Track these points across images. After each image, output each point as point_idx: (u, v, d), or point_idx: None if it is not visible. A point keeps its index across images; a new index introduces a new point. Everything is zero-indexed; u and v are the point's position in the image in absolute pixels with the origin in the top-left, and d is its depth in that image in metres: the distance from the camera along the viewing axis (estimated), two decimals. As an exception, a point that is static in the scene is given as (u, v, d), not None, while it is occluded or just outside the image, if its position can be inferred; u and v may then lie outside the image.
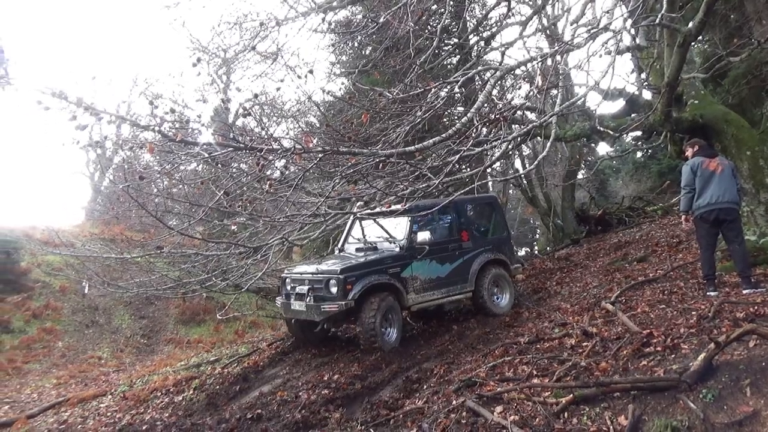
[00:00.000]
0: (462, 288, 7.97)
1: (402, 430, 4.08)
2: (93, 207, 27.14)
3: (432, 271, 7.70)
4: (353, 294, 6.78)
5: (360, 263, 7.20)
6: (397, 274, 7.30)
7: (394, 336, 7.05)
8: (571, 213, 16.43)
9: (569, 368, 4.52)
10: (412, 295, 7.39)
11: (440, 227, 8.28)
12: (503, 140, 3.93)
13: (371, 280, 6.97)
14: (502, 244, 8.73)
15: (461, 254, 8.08)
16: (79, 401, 7.78)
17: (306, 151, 3.05)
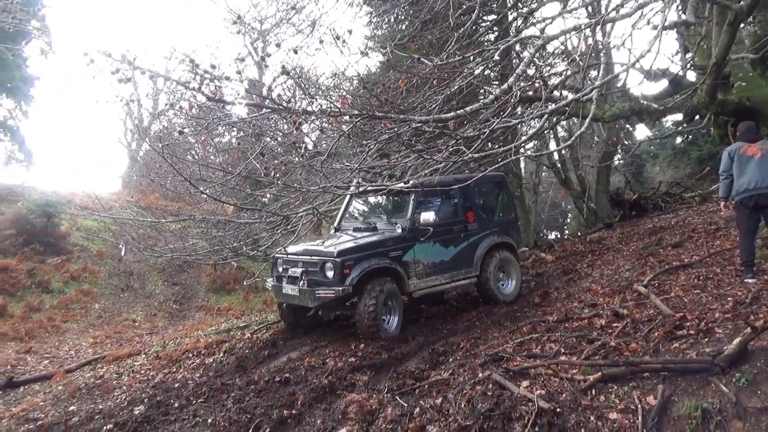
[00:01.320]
0: (467, 273, 7.54)
1: (427, 399, 4.11)
2: (130, 175, 27.77)
3: (436, 255, 7.27)
4: (351, 279, 6.34)
5: (359, 245, 6.71)
6: (399, 257, 6.86)
7: (395, 324, 6.66)
8: (605, 196, 16.12)
9: (598, 347, 4.49)
10: (414, 281, 6.97)
11: (445, 207, 7.76)
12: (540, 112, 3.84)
13: (371, 264, 6.51)
14: (510, 227, 8.30)
15: (467, 236, 7.63)
16: (114, 359, 8.08)
17: (342, 113, 3.04)
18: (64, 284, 14.29)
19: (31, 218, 15.65)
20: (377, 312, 6.36)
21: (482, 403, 3.77)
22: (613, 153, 18.00)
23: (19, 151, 24.01)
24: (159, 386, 5.97)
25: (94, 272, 15.44)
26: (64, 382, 7.09)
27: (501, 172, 8.49)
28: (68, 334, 11.59)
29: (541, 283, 8.63)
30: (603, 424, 3.36)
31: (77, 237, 17.25)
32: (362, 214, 8.14)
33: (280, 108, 3.27)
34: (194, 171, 9.19)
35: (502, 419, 3.58)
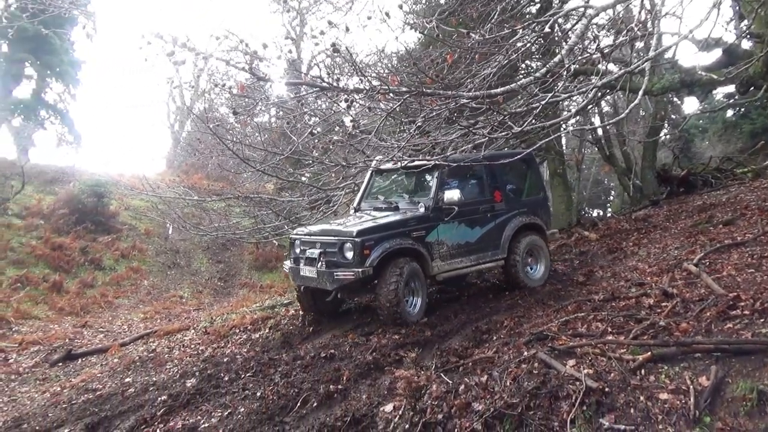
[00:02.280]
0: (493, 255, 7.15)
1: (472, 376, 4.13)
2: (173, 156, 28.44)
3: (461, 236, 6.90)
4: (371, 260, 6.05)
5: (379, 225, 6.40)
6: (422, 238, 6.53)
7: (418, 306, 6.38)
8: (651, 173, 15.63)
9: (647, 327, 4.41)
10: (437, 263, 6.63)
11: (471, 186, 7.38)
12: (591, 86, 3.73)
13: (392, 245, 6.22)
14: (538, 207, 7.83)
15: (493, 217, 7.23)
16: (165, 333, 8.39)
17: (391, 91, 3.03)
18: (115, 262, 14.86)
19: (83, 198, 16.26)
20: (398, 294, 6.05)
21: (528, 382, 3.77)
22: (660, 128, 17.39)
23: (69, 133, 24.82)
24: (209, 360, 6.18)
25: (142, 250, 15.98)
26: (119, 355, 7.42)
27: (542, 148, 8.15)
28: (120, 309, 12.08)
29: (585, 261, 8.49)
30: (653, 404, 3.31)
31: (126, 216, 17.86)
32: (383, 193, 7.79)
33: (332, 87, 3.29)
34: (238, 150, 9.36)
35: (549, 398, 3.58)
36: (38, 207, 16.16)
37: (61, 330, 9.47)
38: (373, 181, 7.86)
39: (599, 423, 3.27)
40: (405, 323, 6.05)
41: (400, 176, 7.64)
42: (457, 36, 4.76)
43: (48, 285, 12.57)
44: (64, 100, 24.71)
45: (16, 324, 9.72)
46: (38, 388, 6.47)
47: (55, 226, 15.43)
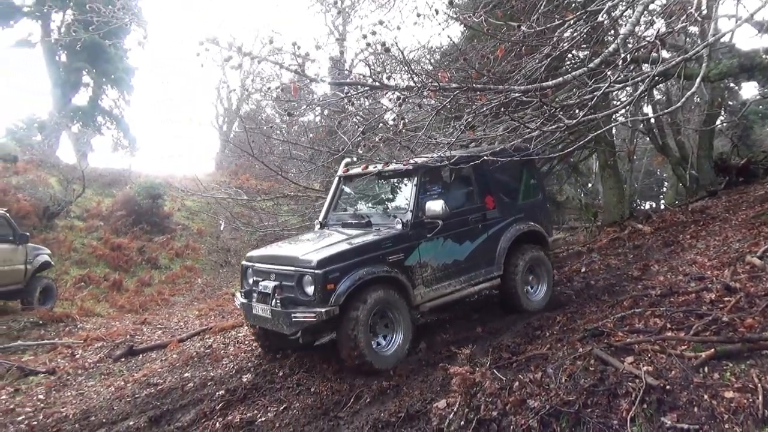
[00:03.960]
0: (487, 273, 6.03)
1: (526, 373, 4.09)
2: (222, 157, 29.17)
3: (447, 254, 5.78)
4: (337, 296, 4.89)
5: (346, 250, 5.19)
6: (400, 262, 5.38)
7: (397, 345, 5.22)
8: (708, 162, 15.01)
9: (709, 323, 4.25)
10: (421, 290, 5.49)
11: (457, 191, 6.23)
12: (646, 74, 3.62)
13: (363, 275, 5.03)
14: (537, 211, 6.72)
15: (485, 227, 6.12)
16: (219, 330, 8.63)
17: (442, 87, 3.03)
18: (170, 261, 15.41)
19: (139, 200, 16.92)
20: (358, 337, 4.88)
21: (585, 379, 3.70)
22: (717, 115, 16.66)
23: (124, 138, 25.87)
24: (263, 356, 6.33)
25: (195, 249, 16.50)
26: (177, 351, 7.68)
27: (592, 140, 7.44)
28: (176, 306, 12.52)
29: (639, 255, 8.24)
30: (718, 403, 3.20)
31: (179, 216, 18.47)
32: (354, 204, 6.68)
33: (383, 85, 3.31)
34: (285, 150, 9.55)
35: (607, 395, 3.50)
36: (98, 209, 16.91)
37: (122, 327, 9.87)
38: (341, 190, 6.74)
39: (661, 422, 3.18)
40: (372, 371, 4.92)
41: (371, 184, 6.59)
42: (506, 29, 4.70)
43: (108, 284, 13.16)
44: (119, 106, 25.76)
45: (81, 321, 10.20)
46: (103, 382, 6.77)
47: (113, 227, 16.13)
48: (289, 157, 10.25)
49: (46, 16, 23.19)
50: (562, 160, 13.68)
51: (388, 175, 6.16)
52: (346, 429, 3.97)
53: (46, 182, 16.52)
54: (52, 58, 23.46)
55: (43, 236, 13.93)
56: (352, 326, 4.90)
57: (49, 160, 18.94)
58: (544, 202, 7.07)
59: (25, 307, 10.54)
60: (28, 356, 7.94)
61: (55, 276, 12.36)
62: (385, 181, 6.35)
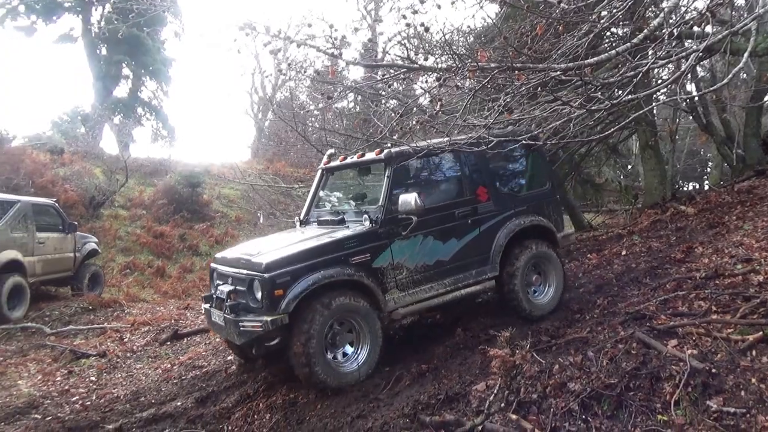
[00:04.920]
0: (479, 275, 5.42)
1: (565, 356, 4.06)
2: (257, 145, 29.57)
3: (428, 253, 5.20)
4: (286, 304, 4.45)
5: (303, 251, 4.73)
6: (367, 264, 4.86)
7: (362, 360, 4.72)
8: (755, 141, 14.43)
9: (756, 306, 4.14)
10: (394, 294, 4.97)
11: (441, 183, 5.72)
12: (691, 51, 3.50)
13: (318, 279, 4.56)
14: (544, 203, 6.02)
15: (477, 222, 5.48)
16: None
17: (481, 67, 3.00)
18: (210, 248, 15.76)
19: (179, 189, 17.34)
20: (309, 350, 4.43)
21: (626, 362, 3.66)
22: (765, 91, 15.97)
23: (163, 128, 26.48)
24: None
25: (234, 236, 16.83)
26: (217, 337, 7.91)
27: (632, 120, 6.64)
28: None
29: (682, 237, 8.03)
30: (767, 386, 3.13)
31: (217, 204, 18.86)
32: (334, 199, 6.19)
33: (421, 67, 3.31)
34: (320, 137, 9.63)
35: (650, 378, 3.46)
36: (140, 198, 17.41)
37: (166, 312, 10.20)
38: (324, 183, 6.23)
39: (706, 405, 3.13)
40: (326, 387, 4.53)
41: (352, 177, 6.15)
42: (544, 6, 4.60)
43: (152, 270, 13.59)
44: (157, 97, 26.36)
45: (128, 306, 10.58)
46: (151, 365, 7.03)
47: (155, 215, 16.60)
48: (324, 143, 10.31)
49: (86, 11, 23.84)
50: (601, 142, 13.37)
51: (364, 166, 5.65)
52: (386, 410, 4.03)
53: (91, 173, 17.08)
54: (93, 52, 24.12)
55: (90, 225, 14.44)
56: (303, 339, 4.42)
57: (93, 151, 19.55)
58: (553, 192, 6.26)
59: (75, 293, 11.00)
60: (79, 340, 8.31)
61: (102, 263, 12.83)
62: (364, 173, 5.83)
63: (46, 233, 10.23)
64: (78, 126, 23.44)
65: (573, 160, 12.45)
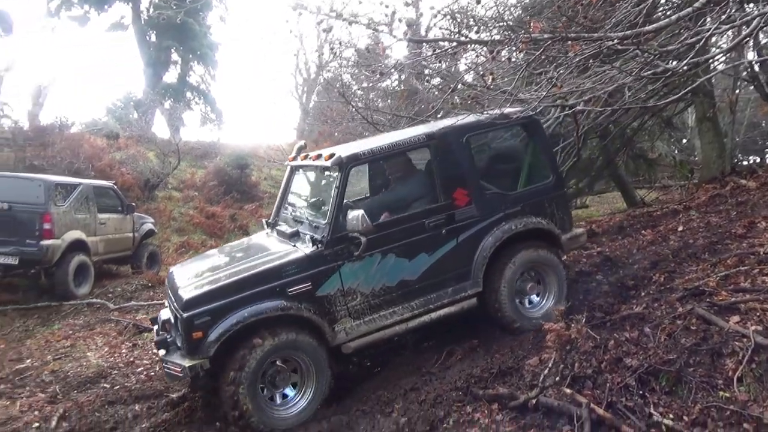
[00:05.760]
0: (456, 293, 4.69)
1: (620, 332, 4.01)
2: (302, 126, 29.86)
3: (389, 274, 4.48)
4: (206, 346, 3.94)
5: (228, 284, 4.16)
6: (308, 293, 4.22)
7: (303, 405, 4.20)
8: (824, 110, 13.63)
9: (826, 281, 3.97)
10: (346, 324, 4.35)
11: (406, 189, 4.96)
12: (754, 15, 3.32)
13: (242, 318, 3.99)
14: (545, 201, 5.06)
15: (453, 232, 4.66)
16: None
17: (534, 38, 2.95)
18: (260, 227, 16.15)
19: (228, 170, 17.80)
20: (239, 395, 3.94)
21: (686, 338, 3.59)
22: (836, 57, 14.97)
23: (212, 112, 27.07)
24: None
25: (282, 216, 17.19)
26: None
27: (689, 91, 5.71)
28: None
29: (743, 212, 7.69)
30: (836, 363, 3.01)
31: (265, 185, 19.26)
32: (299, 203, 5.35)
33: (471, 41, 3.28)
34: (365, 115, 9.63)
35: (711, 355, 3.38)
36: (192, 180, 17.95)
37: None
38: (291, 182, 5.54)
39: (771, 381, 3.05)
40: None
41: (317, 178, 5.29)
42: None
43: (205, 249, 14.01)
44: (205, 81, 26.94)
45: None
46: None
47: (207, 196, 17.10)
48: (369, 122, 10.33)
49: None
50: (655, 115, 12.87)
51: (314, 169, 5.02)
52: (439, 383, 4.09)
53: (145, 156, 17.68)
54: (143, 39, 24.78)
55: (146, 206, 15.01)
56: (232, 383, 3.94)
57: (146, 135, 20.20)
58: (559, 185, 5.23)
59: (134, 271, 11.51)
60: (141, 315, 8.71)
61: (158, 243, 13.34)
62: (319, 177, 5.08)
63: (107, 214, 10.70)
64: (131, 111, 24.24)
65: (625, 134, 12.04)
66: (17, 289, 9.96)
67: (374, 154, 4.63)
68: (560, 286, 5.02)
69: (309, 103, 30.62)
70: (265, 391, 4.17)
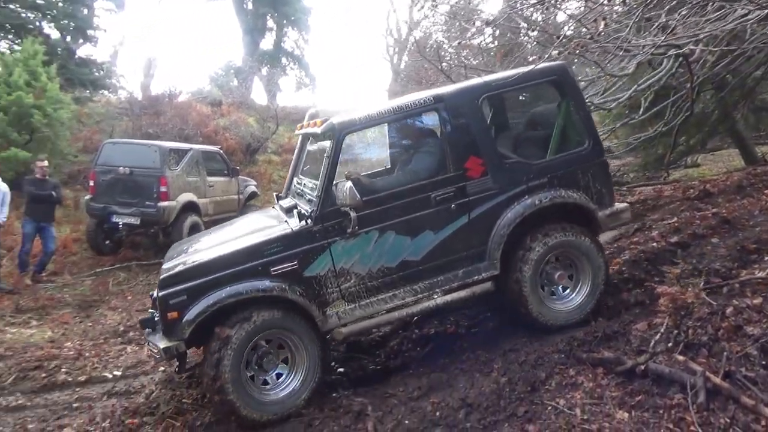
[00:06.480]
0: (468, 275, 4.19)
1: (740, 299, 3.74)
2: (394, 88, 29.76)
3: (387, 253, 4.05)
4: (181, 328, 3.72)
5: (206, 261, 3.92)
6: (295, 273, 3.88)
7: (291, 387, 3.90)
8: None
9: None
10: (339, 307, 4.00)
11: (410, 157, 4.55)
12: None
13: (219, 299, 3.72)
14: (580, 171, 4.36)
15: (464, 207, 4.14)
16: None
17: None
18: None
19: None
20: (220, 377, 3.66)
21: (818, 306, 3.30)
22: None
23: (306, 76, 27.64)
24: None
25: (375, 178, 17.44)
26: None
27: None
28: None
29: None
30: None
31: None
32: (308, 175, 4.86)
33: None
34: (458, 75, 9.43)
35: None
36: (290, 144, 18.56)
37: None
38: (304, 153, 5.11)
39: None
40: (246, 425, 3.75)
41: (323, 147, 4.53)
42: None
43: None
44: (299, 47, 27.47)
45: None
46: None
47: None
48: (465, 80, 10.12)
49: (233, -32, 25.18)
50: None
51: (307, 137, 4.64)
52: (539, 345, 4.04)
53: (245, 122, 18.49)
54: (240, 7, 25.61)
55: (248, 170, 15.78)
56: (213, 368, 3.66)
57: (246, 102, 21.07)
58: (597, 152, 4.44)
59: (240, 231, 12.21)
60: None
61: (260, 204, 14.04)
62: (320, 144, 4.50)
63: (215, 177, 11.40)
64: (231, 79, 25.31)
65: (745, 84, 10.90)
66: (140, 246, 10.95)
67: (372, 120, 4.11)
68: (595, 275, 4.30)
69: (400, 65, 30.38)
70: (252, 375, 3.88)
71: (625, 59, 6.47)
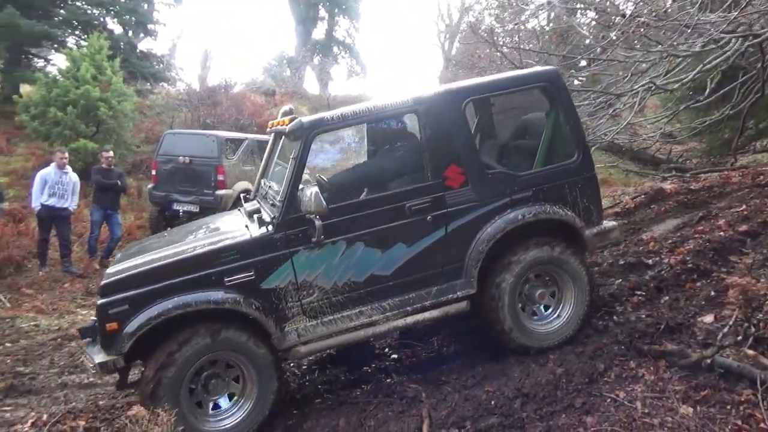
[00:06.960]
0: (442, 292, 3.84)
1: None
2: (445, 74, 29.48)
3: (355, 266, 3.69)
4: (120, 341, 3.32)
5: (153, 268, 3.52)
6: (251, 284, 3.52)
7: (240, 415, 3.52)
8: None
9: None
10: (299, 323, 3.63)
11: (385, 163, 4.17)
12: None
13: (164, 310, 3.33)
14: (568, 185, 4.01)
15: (442, 219, 3.79)
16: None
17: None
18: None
19: (375, 122, 18.30)
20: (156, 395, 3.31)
21: None
22: None
23: (357, 64, 27.78)
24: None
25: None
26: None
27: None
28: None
29: None
30: None
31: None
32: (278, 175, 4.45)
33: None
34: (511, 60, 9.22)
35: None
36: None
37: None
38: (275, 152, 4.63)
39: None
40: None
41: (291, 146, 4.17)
42: None
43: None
44: (350, 35, 27.63)
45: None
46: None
47: (355, 148, 17.80)
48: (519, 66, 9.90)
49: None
50: None
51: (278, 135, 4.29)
52: (598, 336, 3.95)
53: (299, 111, 18.69)
54: (293, -2, 25.89)
55: (301, 159, 16.02)
56: (150, 386, 3.32)
57: (298, 91, 21.36)
58: (586, 165, 4.08)
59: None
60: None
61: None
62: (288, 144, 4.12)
63: (269, 167, 11.61)
64: (284, 69, 25.71)
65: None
66: (198, 233, 11.32)
67: (346, 120, 3.74)
68: (579, 296, 3.98)
69: (451, 51, 30.05)
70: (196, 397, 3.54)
71: (690, 38, 6.16)
